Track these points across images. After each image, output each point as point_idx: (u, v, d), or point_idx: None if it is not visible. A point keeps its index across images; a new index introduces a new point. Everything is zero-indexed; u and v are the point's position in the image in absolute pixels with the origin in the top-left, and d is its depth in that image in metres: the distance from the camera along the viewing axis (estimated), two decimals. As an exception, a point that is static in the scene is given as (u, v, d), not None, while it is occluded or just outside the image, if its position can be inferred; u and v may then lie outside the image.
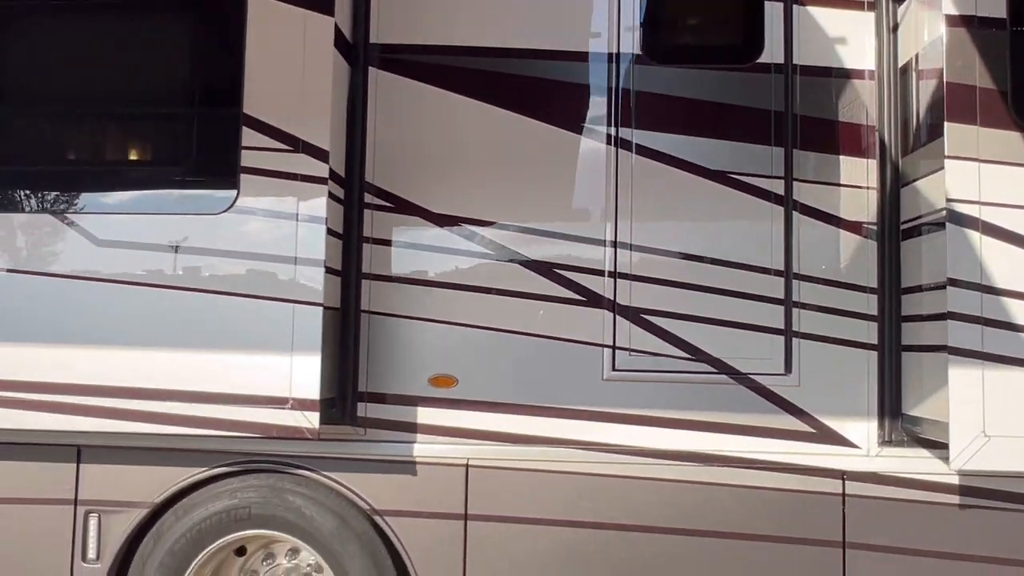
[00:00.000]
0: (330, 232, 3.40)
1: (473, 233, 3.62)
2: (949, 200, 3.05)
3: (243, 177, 3.32)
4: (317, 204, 3.29)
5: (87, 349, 3.34)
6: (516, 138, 3.64)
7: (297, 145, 3.29)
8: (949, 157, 3.06)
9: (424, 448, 3.61)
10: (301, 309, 3.27)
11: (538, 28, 3.69)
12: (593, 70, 3.67)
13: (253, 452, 3.65)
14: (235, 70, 3.33)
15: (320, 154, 3.29)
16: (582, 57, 3.68)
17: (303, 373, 3.26)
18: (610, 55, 3.65)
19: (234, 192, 3.35)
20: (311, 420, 3.27)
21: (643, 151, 3.61)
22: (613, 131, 3.61)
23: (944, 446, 3.10)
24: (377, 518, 3.59)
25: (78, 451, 3.70)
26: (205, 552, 3.65)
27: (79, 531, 3.69)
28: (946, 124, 3.07)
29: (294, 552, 3.79)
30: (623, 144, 3.61)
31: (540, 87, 3.67)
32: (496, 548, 3.55)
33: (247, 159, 3.32)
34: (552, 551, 3.53)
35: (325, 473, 3.62)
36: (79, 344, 3.35)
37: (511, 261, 3.61)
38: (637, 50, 3.65)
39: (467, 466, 3.59)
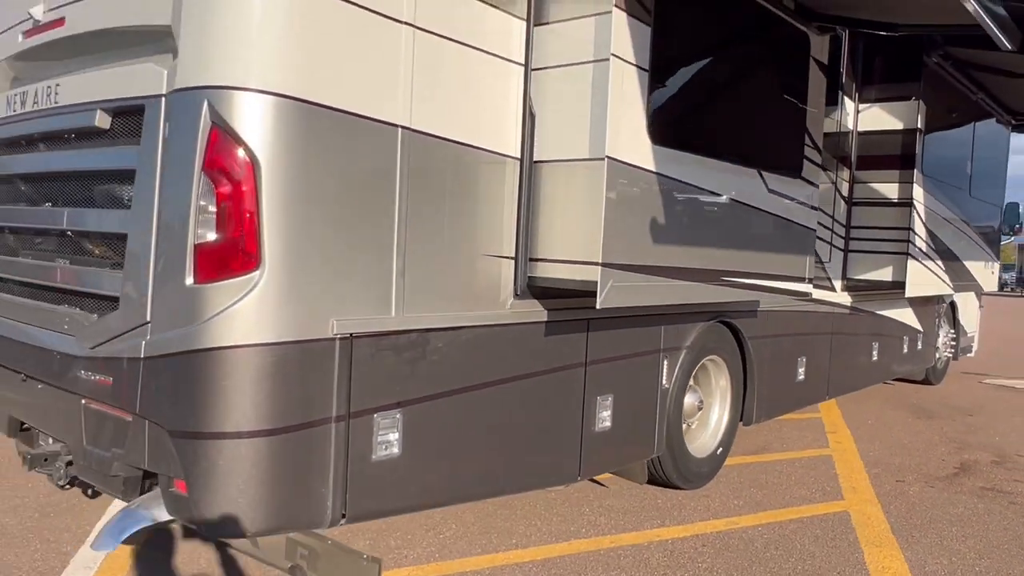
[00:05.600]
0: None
1: None
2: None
3: (804, 164, 6.23)
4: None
5: (730, 251, 5.70)
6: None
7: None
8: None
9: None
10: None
11: None
12: None
13: (715, 311, 6.42)
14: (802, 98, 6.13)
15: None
16: None
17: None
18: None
19: (800, 170, 6.24)
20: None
21: None
22: None
23: None
24: (745, 340, 6.88)
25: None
26: (697, 366, 6.38)
27: (663, 367, 5.92)
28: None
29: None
30: None
31: None
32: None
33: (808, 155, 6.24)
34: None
35: (735, 321, 6.68)
36: (728, 247, 5.69)
37: None
38: None
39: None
